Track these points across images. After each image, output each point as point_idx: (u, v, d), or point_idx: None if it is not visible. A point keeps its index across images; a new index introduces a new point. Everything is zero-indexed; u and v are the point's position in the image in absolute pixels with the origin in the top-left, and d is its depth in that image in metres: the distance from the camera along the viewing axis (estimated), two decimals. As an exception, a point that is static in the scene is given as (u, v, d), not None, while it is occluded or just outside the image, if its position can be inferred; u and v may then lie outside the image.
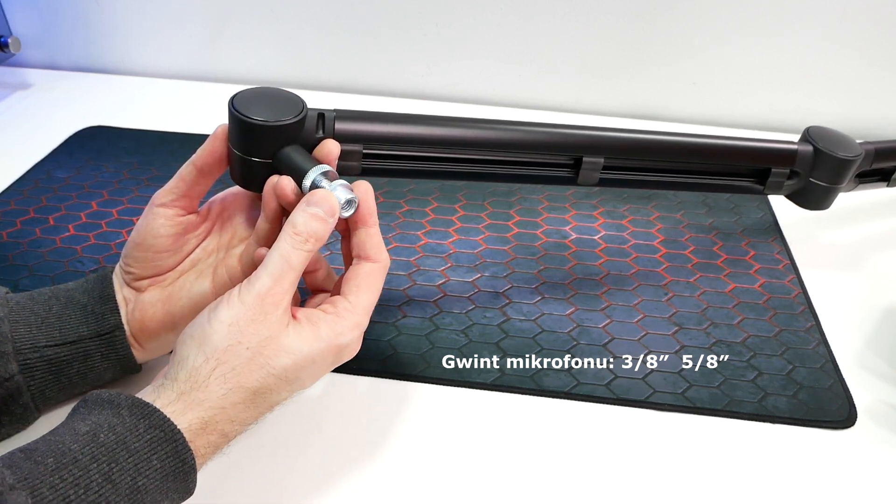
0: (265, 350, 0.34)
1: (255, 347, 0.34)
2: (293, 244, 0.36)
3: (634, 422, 0.45)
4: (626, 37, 0.79)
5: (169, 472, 0.32)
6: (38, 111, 0.81)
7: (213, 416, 0.33)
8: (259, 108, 0.38)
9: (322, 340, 0.36)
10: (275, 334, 0.35)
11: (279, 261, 0.35)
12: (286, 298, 0.35)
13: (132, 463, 0.31)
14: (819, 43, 0.76)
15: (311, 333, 0.36)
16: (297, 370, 0.35)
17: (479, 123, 0.46)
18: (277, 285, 0.35)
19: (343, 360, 0.38)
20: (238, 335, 0.34)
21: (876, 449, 0.43)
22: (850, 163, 0.53)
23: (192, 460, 0.33)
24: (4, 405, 0.38)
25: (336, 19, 0.83)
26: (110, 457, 0.31)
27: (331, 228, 0.37)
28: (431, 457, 0.42)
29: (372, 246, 0.38)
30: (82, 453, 0.30)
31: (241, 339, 0.34)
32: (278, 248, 0.36)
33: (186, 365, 0.34)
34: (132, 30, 0.88)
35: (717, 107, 0.82)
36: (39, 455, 0.30)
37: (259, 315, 0.34)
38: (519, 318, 0.52)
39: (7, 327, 0.38)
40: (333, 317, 0.37)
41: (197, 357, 0.34)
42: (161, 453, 0.32)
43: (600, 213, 0.65)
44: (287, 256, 0.36)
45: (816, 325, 0.52)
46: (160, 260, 0.41)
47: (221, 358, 0.34)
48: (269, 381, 0.35)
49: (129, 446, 0.31)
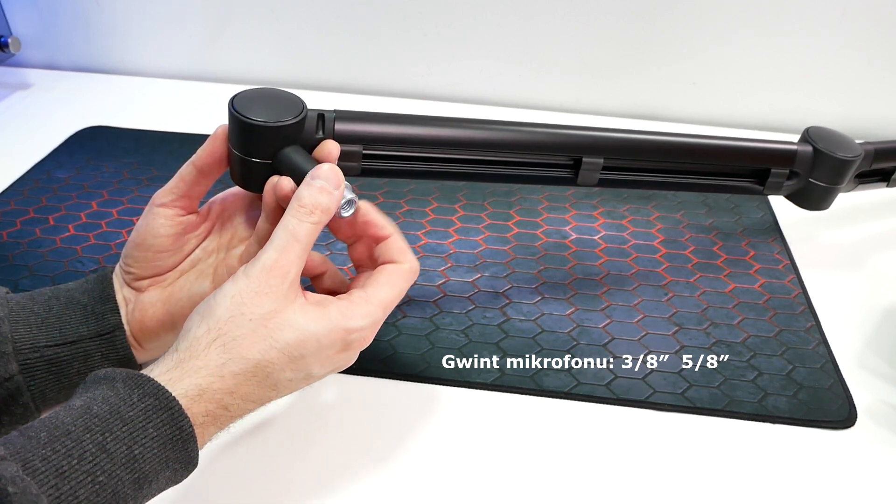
0: (269, 322, 0.34)
1: (259, 319, 0.34)
2: (298, 216, 0.36)
3: (634, 422, 0.45)
4: (626, 37, 0.79)
5: (166, 440, 0.32)
6: (38, 111, 0.81)
7: (211, 383, 0.33)
8: (259, 109, 0.38)
9: (330, 321, 0.35)
10: (280, 308, 0.34)
11: (284, 234, 0.35)
12: (293, 271, 0.35)
13: (127, 432, 0.31)
14: (819, 43, 0.76)
15: (318, 312, 0.35)
16: (301, 346, 0.35)
17: (478, 124, 0.46)
18: (283, 256, 0.35)
19: (352, 349, 0.37)
20: (241, 306, 0.34)
21: (876, 449, 0.43)
22: (850, 163, 0.53)
23: (189, 427, 0.32)
24: (4, 405, 0.38)
25: (336, 19, 0.83)
26: (104, 427, 0.30)
27: (337, 201, 0.37)
28: (432, 457, 0.42)
29: (395, 251, 0.39)
30: (75, 425, 0.30)
31: (244, 309, 0.34)
32: (283, 222, 0.36)
33: (188, 336, 0.34)
34: (132, 30, 0.88)
35: (717, 107, 0.82)
36: (33, 431, 0.30)
37: (264, 287, 0.34)
38: (519, 318, 0.52)
39: (7, 327, 0.38)
40: (346, 302, 0.36)
41: (199, 328, 0.34)
42: (156, 421, 0.31)
43: (600, 213, 0.65)
44: (293, 229, 0.35)
45: (816, 325, 0.52)
46: (160, 260, 0.41)
47: (223, 328, 0.34)
48: (271, 355, 0.34)
49: (123, 416, 0.31)
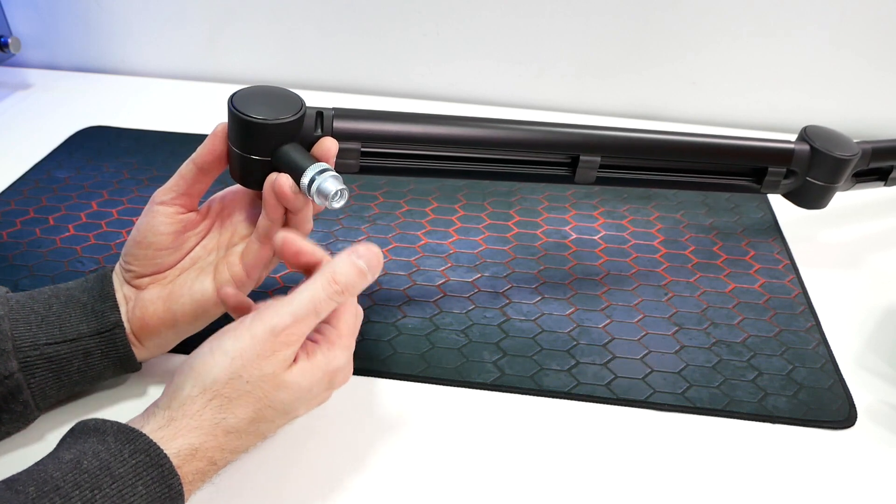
0: (265, 384, 0.34)
1: (256, 381, 0.34)
2: (328, 293, 0.35)
3: (634, 422, 0.45)
4: (626, 37, 0.79)
5: (155, 497, 0.31)
6: (38, 111, 0.81)
7: (204, 442, 0.33)
8: (258, 107, 0.39)
9: (318, 369, 0.36)
10: (278, 371, 0.34)
11: (308, 303, 0.35)
12: (300, 343, 0.35)
13: (116, 489, 0.30)
14: (818, 43, 0.76)
15: (308, 366, 0.36)
16: (294, 402, 0.35)
17: (475, 122, 0.46)
18: (296, 326, 0.35)
19: (336, 386, 0.38)
20: (240, 369, 0.34)
21: (876, 449, 0.43)
22: (847, 162, 0.53)
23: (179, 486, 0.32)
24: (4, 403, 0.38)
25: (336, 19, 0.83)
26: (93, 483, 0.30)
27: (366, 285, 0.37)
28: (432, 457, 0.42)
29: None
30: (64, 480, 0.30)
31: (243, 372, 0.34)
32: (311, 288, 0.35)
33: (181, 394, 0.34)
34: (132, 30, 0.88)
35: (716, 106, 0.82)
36: (20, 484, 0.30)
37: (267, 351, 0.34)
38: (519, 318, 0.52)
39: (7, 325, 0.38)
40: (326, 345, 0.37)
41: (193, 387, 0.34)
42: (146, 479, 0.31)
43: (600, 213, 0.65)
44: (317, 302, 0.35)
45: (816, 325, 0.52)
46: (160, 258, 0.41)
47: (221, 391, 0.34)
48: (265, 413, 0.35)
49: (114, 472, 0.31)
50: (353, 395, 0.46)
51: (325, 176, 0.37)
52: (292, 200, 0.39)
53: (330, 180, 0.37)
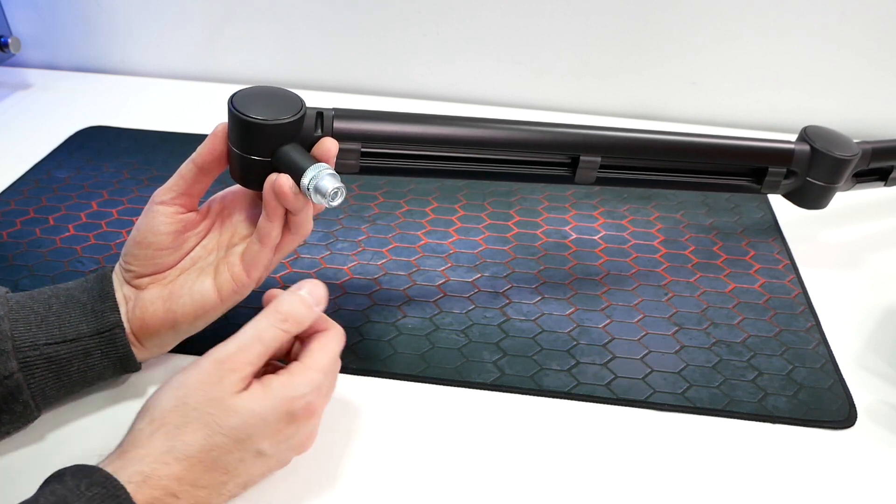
0: (212, 410, 0.34)
1: (202, 407, 0.34)
2: (270, 320, 0.36)
3: (634, 422, 0.45)
4: (626, 37, 0.79)
5: None
6: (38, 111, 0.81)
7: (155, 470, 0.32)
8: (258, 107, 0.39)
9: (273, 397, 0.35)
10: (224, 396, 0.34)
11: (251, 332, 0.36)
12: (248, 370, 0.35)
13: None
14: (818, 43, 0.76)
15: (260, 391, 0.35)
16: (247, 428, 0.34)
17: (476, 122, 0.46)
18: (241, 354, 0.35)
19: (301, 419, 0.36)
20: (185, 396, 0.34)
21: (876, 449, 0.43)
22: (847, 162, 0.53)
23: None
24: (4, 403, 0.38)
25: (336, 19, 0.83)
26: None
27: (313, 317, 0.38)
28: (432, 457, 0.42)
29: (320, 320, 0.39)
30: None
31: (188, 399, 0.34)
32: (255, 319, 0.36)
33: (133, 430, 0.34)
34: (132, 30, 0.88)
35: (716, 107, 0.82)
36: None
37: (212, 377, 0.34)
38: (519, 318, 0.52)
39: (7, 325, 0.38)
40: (286, 375, 0.36)
41: (142, 421, 0.34)
42: None
43: (600, 213, 0.65)
44: (260, 331, 0.36)
45: (816, 325, 0.52)
46: (160, 258, 0.41)
47: (167, 418, 0.34)
48: (217, 440, 0.34)
49: None
50: (354, 395, 0.46)
51: (322, 174, 0.38)
52: (292, 201, 0.39)
53: (327, 178, 0.37)
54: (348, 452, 0.42)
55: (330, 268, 0.57)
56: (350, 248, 0.59)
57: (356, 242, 0.60)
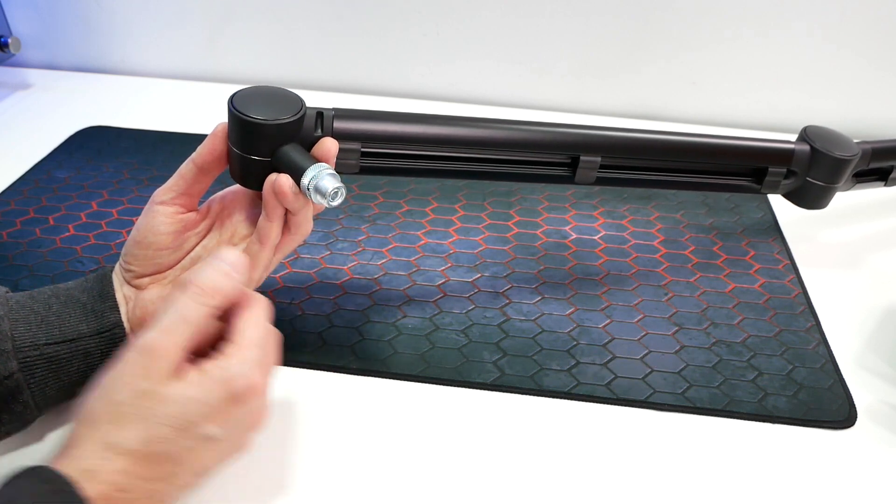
0: (146, 402, 0.32)
1: (133, 401, 0.32)
2: (193, 297, 0.34)
3: (634, 422, 0.45)
4: (626, 36, 0.79)
5: None
6: (38, 111, 0.81)
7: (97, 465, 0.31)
8: (258, 107, 0.39)
9: (210, 380, 0.33)
10: (155, 386, 0.32)
11: (174, 314, 0.33)
12: (177, 354, 0.33)
13: None
14: (818, 43, 0.76)
15: (195, 376, 0.33)
16: (187, 415, 0.33)
17: (476, 122, 0.46)
18: (166, 338, 0.33)
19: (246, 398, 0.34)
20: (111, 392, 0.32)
21: (876, 449, 0.43)
22: (847, 162, 0.53)
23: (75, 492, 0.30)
24: (4, 403, 0.38)
25: (336, 19, 0.83)
26: None
27: (238, 286, 0.35)
28: (431, 457, 0.42)
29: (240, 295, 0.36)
30: None
31: (114, 395, 0.32)
32: (175, 301, 0.34)
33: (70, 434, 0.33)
34: (132, 30, 0.88)
35: (716, 107, 0.82)
36: None
37: (138, 369, 0.32)
38: (519, 318, 0.52)
39: (6, 325, 0.38)
40: (222, 358, 0.34)
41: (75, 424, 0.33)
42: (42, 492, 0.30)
43: (600, 213, 0.65)
44: (183, 310, 0.34)
45: (816, 325, 0.52)
46: (160, 258, 0.41)
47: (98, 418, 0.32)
48: (157, 431, 0.32)
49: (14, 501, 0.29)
50: (354, 395, 0.46)
51: (322, 174, 0.38)
52: (292, 201, 0.39)
53: (327, 178, 0.37)
54: (348, 452, 0.42)
55: (330, 268, 0.57)
56: (350, 248, 0.59)
57: (356, 242, 0.60)
